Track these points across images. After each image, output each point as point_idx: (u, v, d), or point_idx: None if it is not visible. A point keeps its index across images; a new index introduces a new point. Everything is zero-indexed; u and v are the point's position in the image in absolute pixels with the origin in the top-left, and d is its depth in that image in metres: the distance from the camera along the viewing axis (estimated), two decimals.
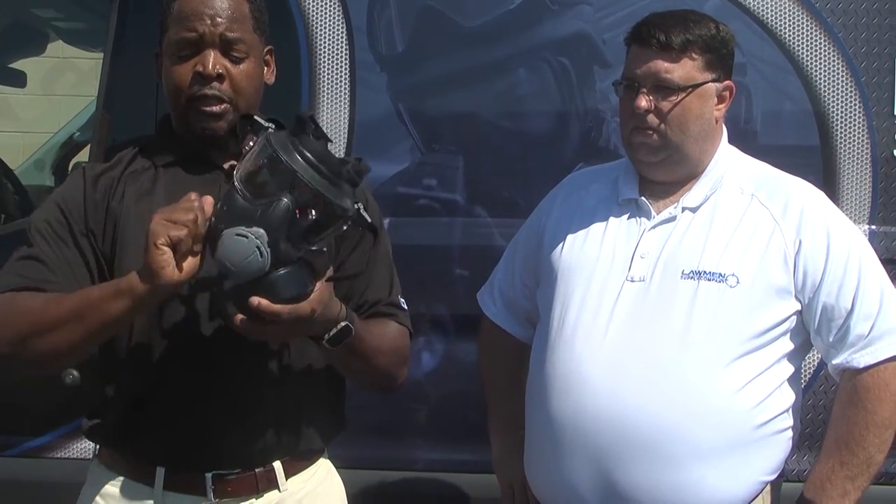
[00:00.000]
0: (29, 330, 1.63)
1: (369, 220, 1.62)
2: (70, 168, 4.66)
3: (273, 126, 1.61)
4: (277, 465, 1.79)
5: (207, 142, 1.78)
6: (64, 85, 7.17)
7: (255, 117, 1.62)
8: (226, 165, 1.79)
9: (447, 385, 2.87)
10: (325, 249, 1.62)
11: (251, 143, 1.62)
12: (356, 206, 1.59)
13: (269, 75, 1.84)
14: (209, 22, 1.72)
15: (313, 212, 1.55)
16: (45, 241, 1.73)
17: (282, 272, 1.55)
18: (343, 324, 1.66)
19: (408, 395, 2.52)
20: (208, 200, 1.57)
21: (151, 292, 1.57)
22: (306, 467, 1.85)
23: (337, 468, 1.96)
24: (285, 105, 1.80)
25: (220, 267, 1.55)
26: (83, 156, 4.35)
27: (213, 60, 1.72)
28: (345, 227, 1.60)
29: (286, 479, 1.80)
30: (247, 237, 1.52)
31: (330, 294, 1.63)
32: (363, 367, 1.77)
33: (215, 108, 1.74)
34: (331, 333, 1.66)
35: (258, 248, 1.52)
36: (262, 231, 1.52)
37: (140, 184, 1.79)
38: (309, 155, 1.54)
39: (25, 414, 3.01)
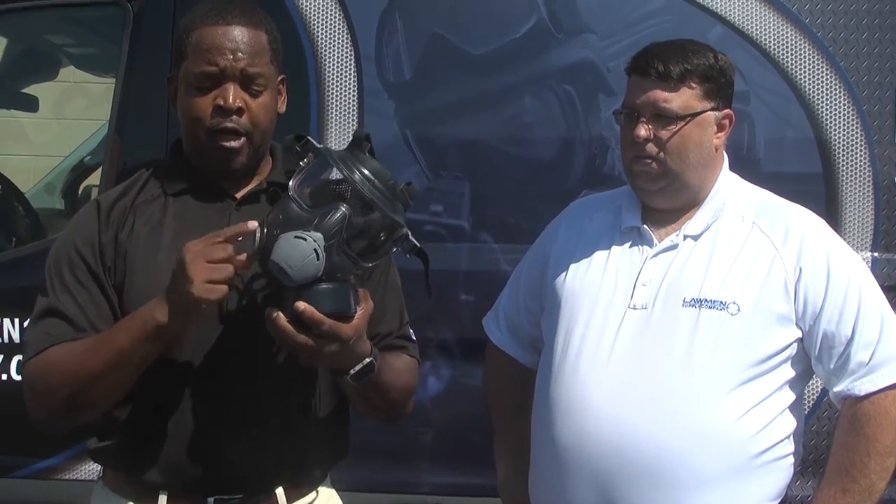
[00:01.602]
0: (68, 394, 1.68)
1: (418, 244, 1.66)
2: (80, 191, 4.69)
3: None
4: (280, 491, 1.80)
5: (222, 173, 1.80)
6: (75, 109, 7.21)
7: (309, 138, 1.65)
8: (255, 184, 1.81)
9: (452, 409, 2.89)
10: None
11: (305, 160, 1.65)
12: (406, 231, 1.64)
13: (282, 104, 1.85)
14: (230, 56, 1.73)
15: (366, 226, 1.60)
16: (67, 291, 1.74)
17: (331, 284, 1.59)
18: (368, 360, 1.68)
19: (413, 419, 2.52)
20: (252, 224, 1.61)
21: (182, 327, 1.62)
22: (308, 493, 1.86)
23: (342, 491, 1.97)
24: (294, 132, 1.82)
25: (275, 270, 1.57)
26: (94, 179, 4.38)
27: (233, 95, 1.73)
28: (395, 249, 1.64)
29: None
30: (305, 239, 1.56)
31: (365, 326, 1.65)
32: (376, 400, 1.79)
33: (234, 143, 1.75)
34: (356, 368, 1.67)
35: (315, 250, 1.56)
36: (319, 235, 1.56)
37: (150, 214, 1.80)
38: (366, 170, 1.60)
39: (33, 435, 3.02)
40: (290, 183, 1.63)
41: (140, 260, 1.75)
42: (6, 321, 2.99)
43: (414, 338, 1.94)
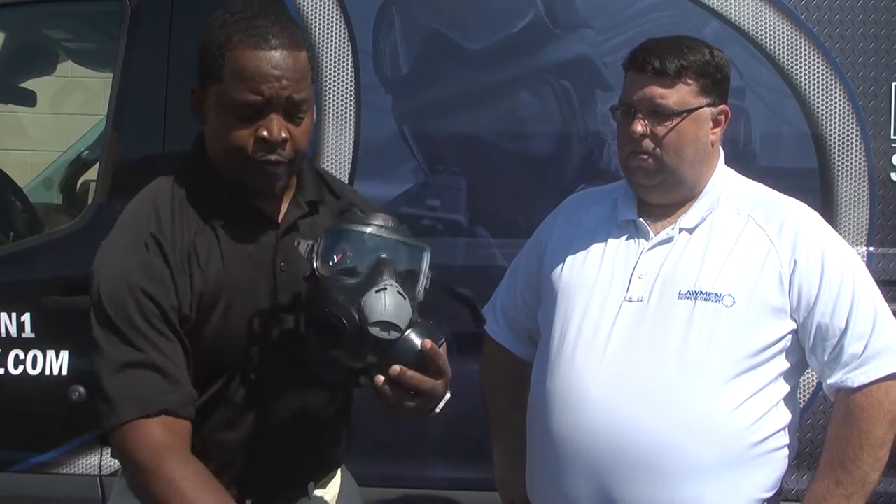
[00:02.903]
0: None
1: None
2: (78, 186, 4.70)
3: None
4: (311, 486, 1.84)
5: (258, 195, 1.72)
6: (73, 104, 7.20)
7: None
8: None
9: (449, 403, 2.89)
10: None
11: (307, 243, 1.65)
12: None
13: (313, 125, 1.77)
14: (276, 84, 1.61)
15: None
16: (145, 338, 1.61)
17: (416, 328, 1.60)
18: (448, 394, 1.69)
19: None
20: None
21: None
22: (329, 480, 1.91)
23: None
24: None
25: (379, 331, 1.56)
26: (92, 174, 4.38)
27: (278, 126, 1.63)
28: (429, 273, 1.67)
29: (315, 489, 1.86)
30: (385, 288, 1.56)
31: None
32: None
33: (276, 171, 1.67)
34: (441, 405, 1.69)
35: (399, 292, 1.58)
36: (391, 280, 1.57)
37: (207, 251, 1.69)
38: (378, 220, 1.64)
39: (31, 430, 3.04)
40: (316, 266, 1.61)
41: (208, 301, 1.67)
42: (4, 315, 2.99)
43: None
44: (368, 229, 1.61)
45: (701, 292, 1.91)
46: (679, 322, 1.90)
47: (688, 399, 1.87)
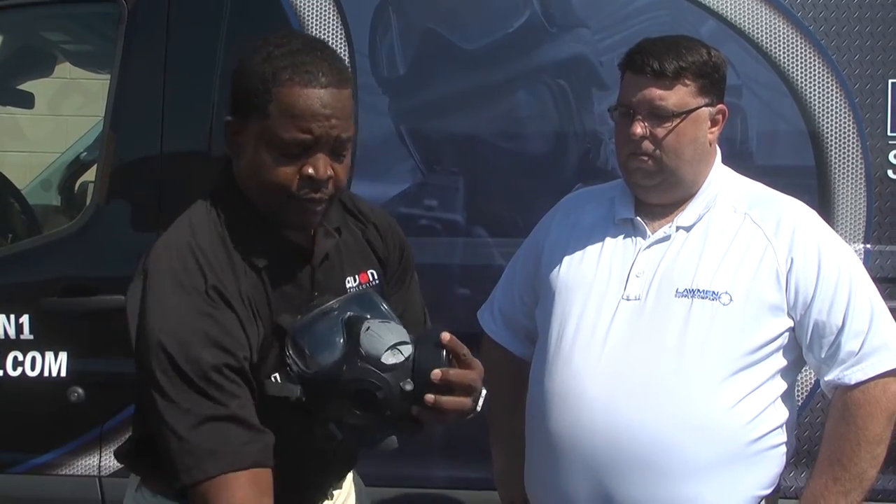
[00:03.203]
0: None
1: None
2: (76, 187, 4.70)
3: None
4: (331, 493, 1.87)
5: (295, 229, 1.70)
6: (71, 105, 7.21)
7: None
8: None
9: None
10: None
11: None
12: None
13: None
14: (326, 124, 1.58)
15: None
16: (225, 392, 1.56)
17: (421, 337, 1.62)
18: (485, 391, 1.70)
19: None
20: None
21: None
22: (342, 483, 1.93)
23: None
24: None
25: (388, 357, 1.57)
26: (90, 175, 4.38)
27: (324, 165, 1.60)
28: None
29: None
30: (368, 327, 1.58)
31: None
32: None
33: (317, 208, 1.65)
34: (480, 402, 1.69)
35: (380, 321, 1.60)
36: (393, 321, 1.62)
37: (257, 299, 1.66)
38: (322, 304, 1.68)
39: (30, 431, 3.04)
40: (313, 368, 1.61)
41: (266, 345, 1.65)
42: (2, 317, 2.99)
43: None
44: (310, 314, 1.64)
45: (698, 290, 1.91)
46: (676, 320, 1.91)
47: (685, 397, 1.88)
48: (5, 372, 2.99)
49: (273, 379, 1.60)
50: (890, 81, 2.79)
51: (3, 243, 3.43)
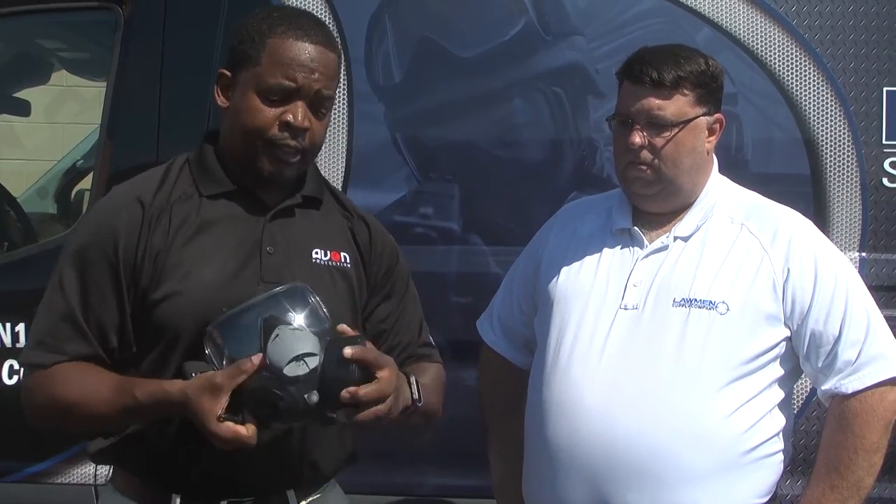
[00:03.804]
0: (71, 419, 1.72)
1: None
2: (72, 195, 4.70)
3: None
4: (290, 493, 1.81)
5: (265, 182, 1.77)
6: (67, 113, 7.22)
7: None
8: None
9: (446, 411, 2.90)
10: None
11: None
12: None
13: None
14: (310, 76, 1.71)
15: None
16: (86, 295, 1.71)
17: (329, 345, 1.59)
18: (412, 378, 1.72)
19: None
20: (255, 359, 1.58)
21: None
22: (316, 492, 1.87)
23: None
24: None
25: (292, 368, 1.56)
26: (86, 183, 4.38)
27: (303, 114, 1.72)
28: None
29: None
30: (277, 334, 1.57)
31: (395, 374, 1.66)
32: (418, 420, 1.80)
33: (291, 159, 1.74)
34: (414, 392, 1.71)
35: (293, 329, 1.59)
36: (281, 326, 1.58)
37: (184, 215, 1.76)
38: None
39: (26, 440, 3.03)
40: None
41: (170, 266, 1.72)
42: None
43: (433, 343, 1.97)
44: (235, 309, 1.63)
45: (695, 300, 1.92)
46: (674, 329, 1.91)
47: (682, 406, 1.88)
48: (1, 380, 2.98)
49: (193, 375, 1.61)
50: (885, 90, 2.80)
51: (0, 251, 3.42)
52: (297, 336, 1.59)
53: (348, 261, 1.83)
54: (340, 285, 1.81)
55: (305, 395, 1.56)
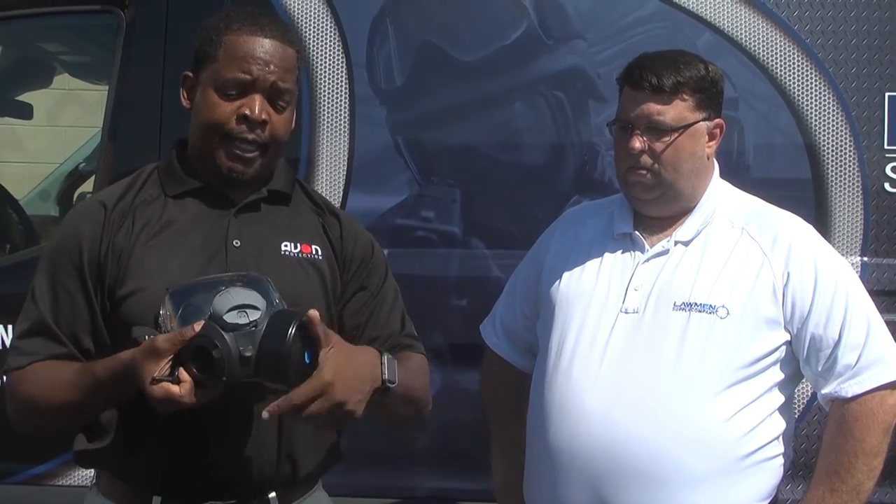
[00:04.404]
0: (47, 412, 1.73)
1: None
2: (75, 198, 4.70)
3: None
4: (272, 496, 1.80)
5: (228, 180, 1.79)
6: (69, 116, 7.23)
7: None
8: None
9: (448, 414, 2.90)
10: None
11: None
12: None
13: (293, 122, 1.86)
14: (265, 68, 1.74)
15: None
16: (55, 300, 1.75)
17: (276, 310, 1.57)
18: (385, 357, 1.68)
19: None
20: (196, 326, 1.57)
21: None
22: (299, 497, 1.86)
23: (338, 497, 1.98)
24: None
25: (232, 316, 1.54)
26: (88, 186, 4.40)
27: (259, 106, 1.74)
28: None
29: None
30: (227, 288, 1.56)
31: (344, 349, 1.62)
32: (401, 408, 1.79)
33: (249, 154, 1.76)
34: (384, 372, 1.66)
35: (242, 287, 1.57)
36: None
37: (148, 215, 1.79)
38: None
39: (27, 442, 3.03)
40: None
41: (134, 264, 1.74)
42: (0, 328, 2.99)
43: (417, 336, 1.96)
44: (198, 279, 1.64)
45: (695, 304, 1.92)
46: (674, 333, 1.91)
47: (682, 409, 1.88)
48: (2, 382, 2.98)
49: (145, 338, 1.60)
50: (887, 94, 2.80)
51: (2, 253, 3.43)
52: (247, 292, 1.57)
53: (320, 253, 1.84)
54: (312, 276, 1.81)
55: (241, 348, 1.53)
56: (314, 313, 1.55)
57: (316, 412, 1.57)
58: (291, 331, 1.52)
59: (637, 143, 1.95)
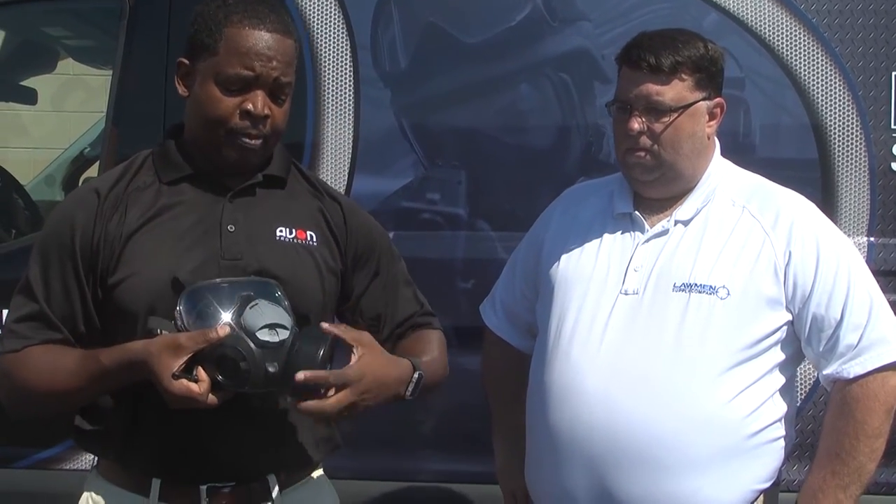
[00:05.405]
0: (44, 396, 1.74)
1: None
2: (80, 183, 4.70)
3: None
4: (272, 478, 1.81)
5: (227, 168, 1.79)
6: (74, 101, 7.23)
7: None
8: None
9: (450, 396, 2.90)
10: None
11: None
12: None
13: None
14: (268, 64, 1.73)
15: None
16: (49, 286, 1.76)
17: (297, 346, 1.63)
18: (417, 374, 1.75)
19: (411, 405, 2.55)
20: (222, 330, 1.60)
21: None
22: (299, 479, 1.87)
23: (341, 479, 1.98)
24: (290, 123, 1.83)
25: (264, 333, 1.60)
26: (93, 171, 4.40)
27: (262, 102, 1.74)
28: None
29: (279, 492, 1.82)
30: (257, 303, 1.62)
31: (379, 357, 1.70)
32: (425, 391, 1.82)
33: (253, 144, 1.76)
34: (409, 389, 1.74)
35: (271, 304, 1.64)
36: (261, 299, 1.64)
37: (143, 202, 1.79)
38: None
39: (33, 426, 3.04)
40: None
41: (128, 250, 1.75)
42: (6, 312, 2.99)
43: (432, 311, 2.00)
44: (217, 280, 1.68)
45: (696, 285, 1.91)
46: (674, 314, 1.91)
47: (683, 391, 1.88)
48: None
49: (159, 332, 1.65)
50: (893, 74, 2.79)
51: (7, 239, 3.43)
52: (275, 309, 1.64)
53: (314, 239, 1.84)
54: (307, 261, 1.82)
55: (267, 364, 1.60)
56: (331, 329, 1.65)
57: (315, 408, 1.64)
58: (322, 352, 1.61)
59: (636, 124, 1.94)
